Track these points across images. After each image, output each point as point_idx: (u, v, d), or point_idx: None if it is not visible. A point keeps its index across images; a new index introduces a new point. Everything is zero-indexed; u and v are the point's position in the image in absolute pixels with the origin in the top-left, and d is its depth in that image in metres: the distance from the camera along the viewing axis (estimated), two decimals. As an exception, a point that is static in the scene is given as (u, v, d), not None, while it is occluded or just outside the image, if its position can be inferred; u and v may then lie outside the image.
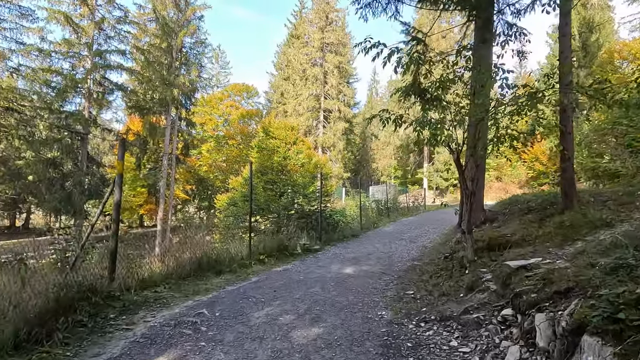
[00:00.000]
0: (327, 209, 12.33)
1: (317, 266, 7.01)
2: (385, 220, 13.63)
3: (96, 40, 24.27)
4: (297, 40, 40.27)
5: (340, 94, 37.40)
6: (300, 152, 22.73)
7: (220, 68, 56.19)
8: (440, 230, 10.94)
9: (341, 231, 10.88)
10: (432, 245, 8.70)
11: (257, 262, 6.98)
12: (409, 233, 10.76)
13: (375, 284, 5.52)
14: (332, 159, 36.49)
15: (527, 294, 2.96)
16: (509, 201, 9.34)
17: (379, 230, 11.51)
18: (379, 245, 9.24)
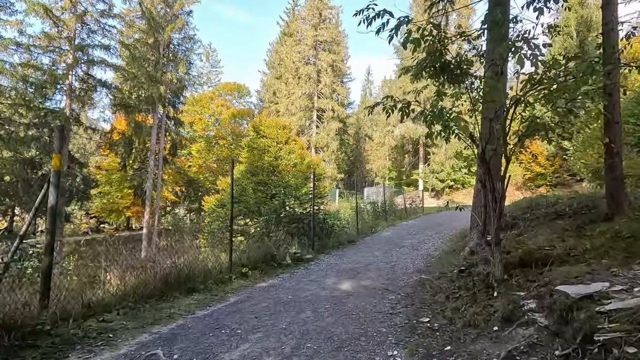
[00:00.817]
0: (321, 212, 11.35)
1: (309, 280, 6.01)
2: (382, 224, 12.69)
3: (79, 35, 23.08)
4: (290, 38, 39.31)
5: (333, 93, 36.48)
6: (293, 151, 21.72)
7: (211, 67, 55.06)
8: (444, 235, 10.01)
9: (336, 237, 9.90)
10: (438, 254, 7.74)
11: (238, 276, 5.95)
12: (410, 239, 9.81)
13: (379, 306, 4.53)
14: (326, 159, 35.52)
15: (616, 346, 1.99)
16: (526, 204, 8.41)
17: (377, 236, 10.56)
18: (378, 253, 8.26)
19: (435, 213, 15.98)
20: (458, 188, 34.90)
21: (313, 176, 9.24)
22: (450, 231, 10.59)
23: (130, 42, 25.03)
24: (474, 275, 4.75)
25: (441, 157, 33.15)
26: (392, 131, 34.72)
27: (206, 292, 5.13)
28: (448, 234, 10.09)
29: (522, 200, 9.78)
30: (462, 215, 14.60)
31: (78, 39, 22.93)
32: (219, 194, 25.11)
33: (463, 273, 5.22)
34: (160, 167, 28.17)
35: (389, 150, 39.41)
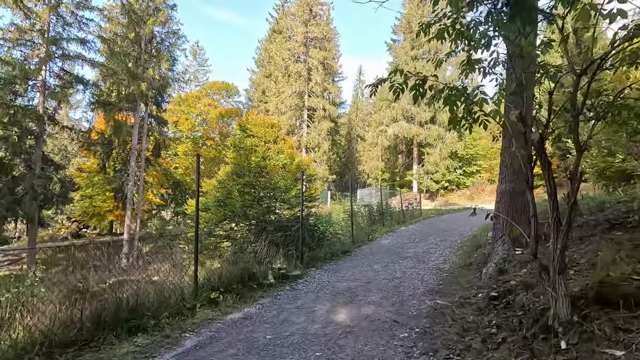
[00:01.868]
0: (311, 218, 10.11)
1: (295, 307, 4.75)
2: (380, 229, 11.47)
3: (53, 28, 21.58)
4: (279, 35, 38.05)
5: (325, 92, 35.27)
6: (282, 151, 20.45)
7: (199, 65, 53.48)
8: (452, 244, 8.82)
9: (328, 246, 8.65)
10: (450, 269, 6.52)
11: (206, 304, 4.66)
12: (414, 248, 8.59)
13: (389, 351, 3.29)
14: (317, 160, 34.26)
15: None
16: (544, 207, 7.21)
17: (375, 244, 9.33)
18: (378, 267, 7.02)
19: (435, 217, 14.84)
20: (453, 189, 33.93)
21: (302, 176, 7.97)
22: (457, 238, 9.41)
23: (109, 37, 23.58)
24: (515, 308, 3.53)
25: (436, 157, 32.12)
26: (385, 131, 33.59)
27: (157, 331, 3.82)
28: (456, 242, 8.90)
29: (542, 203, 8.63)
30: (465, 220, 13.43)
31: (53, 32, 21.44)
32: (202, 196, 23.74)
33: (496, 301, 3.99)
34: (142, 168, 26.72)
35: (381, 150, 38.28)
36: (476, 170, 33.93)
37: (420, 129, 31.97)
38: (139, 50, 25.17)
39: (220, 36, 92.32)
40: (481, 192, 32.64)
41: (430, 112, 31.87)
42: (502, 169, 5.45)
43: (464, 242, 8.77)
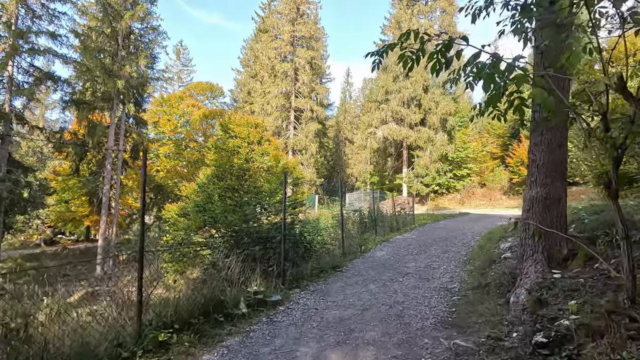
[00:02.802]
0: (297, 226, 8.96)
1: (271, 353, 3.60)
2: (372, 239, 10.36)
3: (22, 20, 20.15)
4: (265, 34, 36.88)
5: (312, 92, 34.21)
6: (266, 153, 19.25)
7: (183, 65, 51.93)
8: (456, 256, 7.75)
9: (316, 260, 7.50)
10: (461, 290, 5.44)
11: (152, 350, 3.47)
12: (414, 262, 7.50)
13: None
14: (304, 162, 33.12)
15: None
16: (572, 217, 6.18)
17: (369, 257, 8.20)
18: (375, 287, 5.90)
19: (431, 223, 13.82)
20: (443, 193, 33.18)
21: (284, 178, 6.80)
22: (461, 249, 8.36)
23: (83, 31, 22.19)
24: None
25: (426, 160, 31.31)
26: (374, 133, 32.67)
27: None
28: (460, 254, 7.84)
29: None
30: (465, 227, 12.41)
31: (21, 24, 19.98)
32: (181, 200, 22.54)
33: (545, 350, 2.90)
34: (119, 171, 25.24)
35: (370, 153, 37.38)
36: (467, 174, 33.25)
37: (410, 131, 31.13)
38: (115, 47, 23.77)
39: (210, 40, 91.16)
40: (472, 196, 31.93)
41: (420, 114, 31.08)
42: (531, 170, 4.39)
43: (470, 254, 7.72)
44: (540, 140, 4.26)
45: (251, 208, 8.57)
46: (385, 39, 34.73)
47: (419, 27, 32.06)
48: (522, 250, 4.42)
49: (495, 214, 16.81)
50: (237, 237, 7.13)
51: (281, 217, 8.88)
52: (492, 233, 9.54)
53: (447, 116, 31.02)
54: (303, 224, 10.46)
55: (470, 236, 9.98)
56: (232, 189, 16.68)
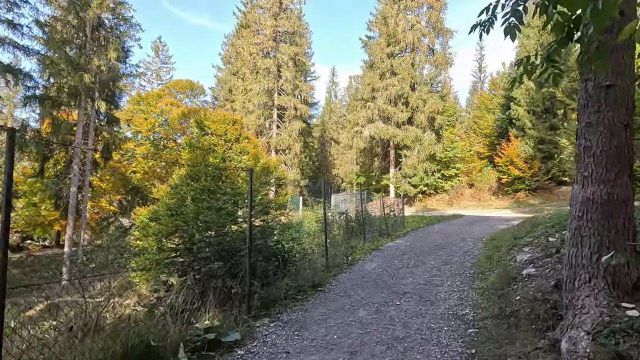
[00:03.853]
0: (275, 232, 7.66)
1: None
2: (360, 246, 9.07)
3: (-23, 8, 18.32)
4: (247, 30, 35.40)
5: (296, 90, 32.87)
6: (245, 151, 17.85)
7: (162, 63, 49.99)
8: (460, 269, 6.53)
9: (294, 275, 6.19)
10: (476, 319, 4.20)
11: None
12: (411, 276, 6.24)
13: None
14: (288, 163, 31.75)
15: None
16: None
17: (358, 270, 6.90)
18: (366, 314, 4.62)
19: (425, 227, 12.61)
20: (431, 194, 32.24)
21: (250, 176, 5.46)
22: (464, 259, 7.15)
23: (47, 21, 20.49)
24: None
25: (413, 160, 30.30)
26: (360, 132, 31.50)
27: None
28: (465, 267, 6.62)
29: None
30: (462, 232, 11.20)
31: (-25, 12, 18.17)
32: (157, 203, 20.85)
33: None
34: (87, 172, 23.48)
35: (357, 153, 36.23)
36: (455, 174, 32.39)
37: (397, 130, 30.07)
38: (83, 38, 22.09)
39: (196, 40, 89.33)
40: (460, 197, 31.07)
41: (407, 112, 30.06)
42: (583, 161, 3.15)
43: (476, 266, 6.52)
44: (597, 119, 3.03)
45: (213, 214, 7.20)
46: (371, 35, 33.66)
47: (406, 23, 31.11)
48: (570, 273, 3.19)
49: (492, 216, 15.77)
50: (196, 250, 5.77)
51: (260, 221, 7.58)
52: (497, 239, 8.39)
53: (435, 114, 30.08)
54: (282, 229, 9.15)
55: (471, 242, 8.81)
56: (208, 191, 15.23)
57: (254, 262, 5.51)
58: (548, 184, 28.53)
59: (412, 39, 30.48)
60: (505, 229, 9.82)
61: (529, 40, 29.58)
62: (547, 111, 29.11)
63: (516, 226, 9.42)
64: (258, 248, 6.24)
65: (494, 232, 9.85)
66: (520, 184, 28.63)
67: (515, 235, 7.29)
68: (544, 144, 27.98)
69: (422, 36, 31.17)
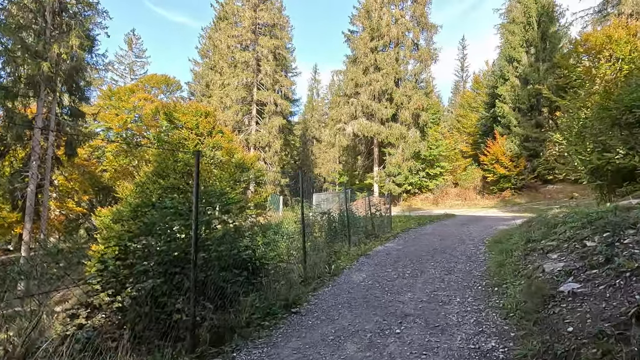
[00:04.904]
0: (242, 239, 6.33)
1: None
2: (346, 251, 7.77)
3: None
4: (225, 22, 33.80)
5: (276, 84, 31.44)
6: (219, 146, 16.40)
7: (135, 57, 47.74)
8: (466, 278, 5.33)
9: (264, 290, 4.88)
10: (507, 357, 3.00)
11: None
12: (410, 291, 4.99)
13: None
14: (267, 160, 30.30)
15: None
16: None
17: (343, 282, 5.57)
18: (355, 349, 3.34)
19: (416, 228, 11.38)
20: (415, 193, 31.34)
21: (197, 160, 4.14)
22: (471, 267, 5.96)
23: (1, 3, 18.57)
24: None
25: (398, 158, 29.29)
26: (343, 129, 30.32)
27: None
28: (473, 276, 5.41)
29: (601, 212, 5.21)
30: (459, 232, 10.04)
31: None
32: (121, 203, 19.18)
33: None
34: (48, 170, 21.56)
35: (339, 151, 35.08)
36: (439, 173, 31.58)
37: (381, 127, 29.02)
38: (43, 24, 20.21)
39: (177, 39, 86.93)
40: (446, 196, 30.26)
41: (392, 109, 29.04)
42: None
43: (486, 275, 5.33)
44: None
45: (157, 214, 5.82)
46: (354, 29, 32.54)
47: (390, 16, 30.11)
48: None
49: (486, 216, 14.75)
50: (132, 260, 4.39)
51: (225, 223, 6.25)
52: (501, 242, 7.26)
53: (420, 111, 29.16)
54: (255, 232, 7.82)
55: (472, 246, 7.65)
56: (176, 189, 13.72)
57: (205, 278, 4.18)
58: (534, 182, 27.98)
59: (396, 33, 29.49)
60: (507, 230, 8.73)
61: (515, 36, 28.97)
62: (533, 108, 28.60)
63: (519, 226, 8.35)
64: (218, 257, 4.90)
65: (494, 234, 8.74)
66: (506, 182, 28.00)
67: (527, 237, 6.15)
68: (530, 142, 27.42)
69: (407, 31, 30.23)
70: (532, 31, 28.24)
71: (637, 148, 12.49)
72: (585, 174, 14.81)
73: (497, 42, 55.28)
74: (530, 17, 28.33)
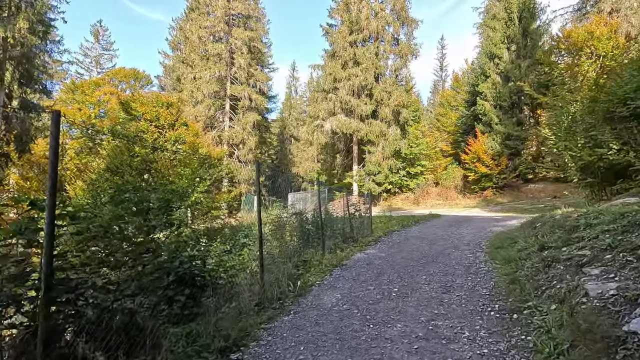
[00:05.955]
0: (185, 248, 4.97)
1: None
2: (318, 260, 6.39)
3: None
4: (197, 12, 31.95)
5: (251, 78, 29.83)
6: (181, 139, 14.79)
7: (103, 49, 45.08)
8: (471, 298, 4.07)
9: (202, 322, 3.49)
10: None
11: None
12: (400, 320, 3.67)
13: None
14: (241, 158, 28.66)
15: None
16: None
17: (310, 307, 4.13)
18: None
19: (400, 230, 10.10)
20: (396, 192, 30.33)
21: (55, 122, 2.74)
22: (469, 280, 4.71)
23: None
24: None
25: (378, 156, 28.20)
26: (321, 126, 29.01)
27: None
28: (481, 295, 4.15)
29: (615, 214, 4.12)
30: (449, 236, 8.73)
31: None
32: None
33: None
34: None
35: (318, 149, 33.76)
36: (420, 172, 30.69)
37: (360, 124, 27.86)
38: (-13, 6, 18.13)
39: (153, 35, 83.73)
40: (427, 196, 29.35)
41: (372, 105, 27.92)
42: None
43: (498, 295, 4.08)
44: None
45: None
46: (332, 22, 31.29)
47: (369, 10, 29.00)
48: None
49: (474, 216, 13.67)
50: None
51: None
52: (502, 247, 6.08)
53: (400, 108, 28.16)
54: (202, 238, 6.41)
55: (469, 252, 6.44)
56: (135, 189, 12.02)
57: (101, 313, 2.77)
58: (515, 181, 27.42)
59: (376, 27, 28.41)
60: (505, 233, 7.58)
61: (496, 32, 28.36)
62: (514, 106, 28.07)
63: (520, 229, 7.22)
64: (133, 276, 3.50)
65: (490, 237, 7.59)
66: (487, 181, 27.30)
67: (540, 243, 4.96)
68: (511, 140, 26.84)
69: (387, 24, 29.19)
70: (514, 27, 27.67)
71: (632, 143, 11.63)
72: (575, 171, 13.94)
73: (476, 42, 55.17)
74: (511, 13, 27.77)
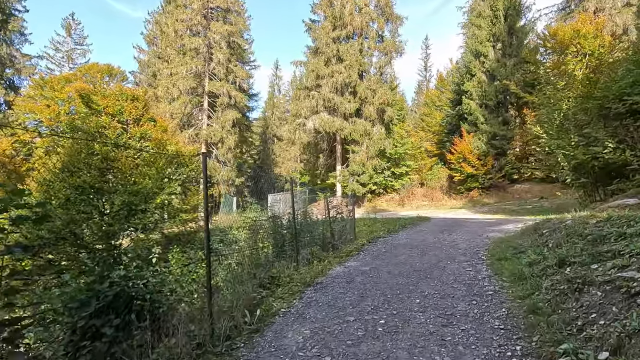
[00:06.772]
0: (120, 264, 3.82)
1: None
2: (289, 275, 5.31)
3: None
4: (173, 4, 30.52)
5: (230, 74, 28.55)
6: (146, 135, 13.49)
7: (75, 43, 42.97)
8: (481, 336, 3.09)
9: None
10: None
11: None
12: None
13: None
14: (220, 158, 27.34)
15: None
16: None
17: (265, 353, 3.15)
18: None
19: (386, 236, 9.05)
20: (380, 193, 29.47)
21: None
22: (474, 306, 3.70)
23: None
24: None
25: (362, 156, 27.28)
26: (303, 124, 27.93)
27: None
28: (485, 326, 3.17)
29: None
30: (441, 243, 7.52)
31: None
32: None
33: None
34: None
35: (300, 148, 32.65)
36: (405, 172, 29.90)
37: (344, 122, 26.90)
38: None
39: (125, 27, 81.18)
40: (412, 196, 28.57)
41: (355, 103, 26.99)
42: None
43: (520, 333, 3.09)
44: None
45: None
46: (315, 18, 30.25)
47: (353, 5, 28.09)
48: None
49: (466, 219, 12.77)
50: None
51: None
52: (506, 259, 5.13)
53: (385, 106, 27.32)
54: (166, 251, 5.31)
55: (467, 264, 5.47)
56: (90, 188, 10.76)
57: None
58: (502, 182, 26.87)
59: (360, 23, 27.50)
60: (504, 240, 6.65)
61: (481, 30, 27.82)
62: (500, 105, 27.59)
63: (522, 235, 6.31)
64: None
65: (488, 245, 6.65)
66: (474, 182, 26.68)
67: (557, 256, 4.01)
68: (497, 140, 26.30)
69: (371, 20, 28.32)
70: (499, 25, 27.16)
71: (628, 141, 10.91)
72: (568, 171, 13.22)
73: (461, 42, 55.03)
74: (497, 11, 27.26)
